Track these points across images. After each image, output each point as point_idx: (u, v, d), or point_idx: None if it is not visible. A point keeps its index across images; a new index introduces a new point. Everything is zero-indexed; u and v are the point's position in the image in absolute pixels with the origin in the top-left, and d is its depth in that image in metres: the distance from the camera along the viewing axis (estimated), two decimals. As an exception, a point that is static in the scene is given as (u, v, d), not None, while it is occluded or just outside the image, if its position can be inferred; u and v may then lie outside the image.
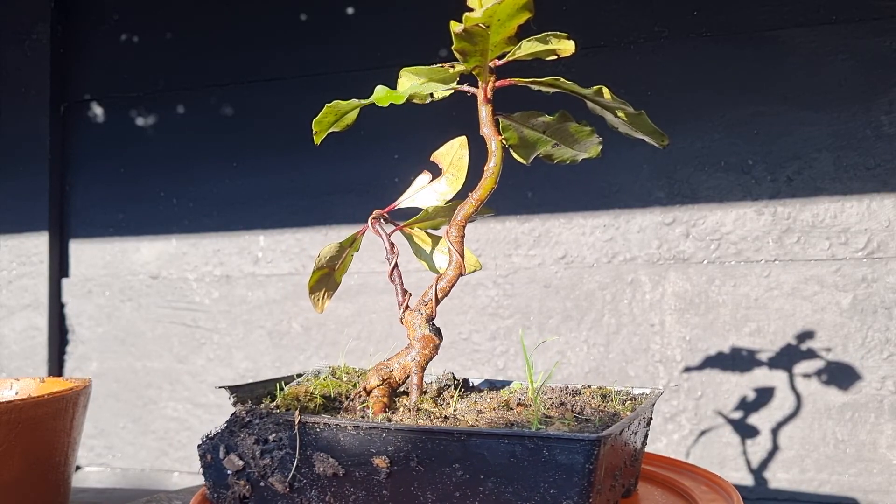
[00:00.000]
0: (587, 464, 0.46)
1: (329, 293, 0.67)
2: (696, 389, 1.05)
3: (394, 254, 0.63)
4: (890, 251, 0.99)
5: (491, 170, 0.58)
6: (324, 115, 0.60)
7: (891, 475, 0.98)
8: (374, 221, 0.64)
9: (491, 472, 0.48)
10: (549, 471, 0.47)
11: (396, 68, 0.64)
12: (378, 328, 1.18)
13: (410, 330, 0.61)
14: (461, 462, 0.49)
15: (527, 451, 0.47)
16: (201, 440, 0.57)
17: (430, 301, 0.60)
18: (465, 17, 0.49)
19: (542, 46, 0.53)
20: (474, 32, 0.51)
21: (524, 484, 0.47)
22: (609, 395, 0.65)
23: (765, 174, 1.03)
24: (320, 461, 0.53)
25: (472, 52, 0.53)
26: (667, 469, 0.70)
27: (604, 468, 0.48)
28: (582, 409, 0.58)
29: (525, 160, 0.63)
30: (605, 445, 0.47)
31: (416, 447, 0.50)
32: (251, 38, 1.27)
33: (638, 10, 1.09)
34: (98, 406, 1.32)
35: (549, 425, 0.52)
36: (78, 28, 1.36)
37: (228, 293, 1.26)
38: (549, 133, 0.61)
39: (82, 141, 1.36)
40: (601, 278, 1.09)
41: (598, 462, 0.46)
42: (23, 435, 0.68)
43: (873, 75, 1.00)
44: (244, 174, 1.27)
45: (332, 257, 0.66)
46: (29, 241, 1.34)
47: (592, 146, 0.62)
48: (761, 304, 1.02)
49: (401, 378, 0.60)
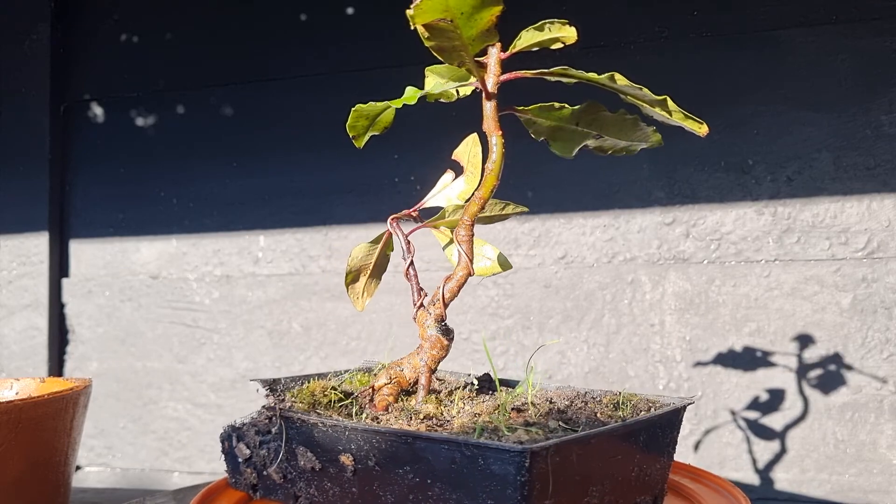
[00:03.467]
0: (518, 476, 0.44)
1: (368, 291, 0.67)
2: (696, 389, 1.05)
3: (410, 253, 0.63)
4: (890, 251, 0.99)
5: (491, 167, 0.57)
6: (355, 120, 0.59)
7: (891, 475, 0.98)
8: (392, 221, 0.64)
9: (437, 477, 0.48)
10: (486, 480, 0.45)
11: (397, 68, 0.64)
12: (378, 328, 1.18)
13: (421, 330, 0.61)
14: (411, 465, 0.49)
15: (465, 459, 0.46)
16: (223, 428, 0.62)
17: (437, 302, 0.60)
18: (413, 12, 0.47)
19: (542, 35, 0.52)
20: (440, 28, 0.49)
21: (466, 491, 0.46)
22: (626, 403, 0.60)
23: (765, 174, 1.04)
24: (301, 454, 0.55)
25: (449, 48, 0.52)
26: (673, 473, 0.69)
27: (553, 482, 0.45)
28: (577, 418, 0.55)
29: (565, 153, 0.60)
30: (542, 458, 0.44)
31: (374, 447, 0.51)
32: (251, 37, 1.27)
33: (638, 10, 1.09)
34: (98, 406, 1.32)
35: (513, 432, 0.49)
36: (78, 28, 1.36)
37: (228, 293, 1.26)
38: (583, 125, 0.59)
39: (82, 141, 1.36)
40: (601, 278, 1.09)
41: (534, 475, 0.44)
42: (23, 435, 0.68)
43: (873, 75, 1.00)
44: (244, 174, 1.27)
45: (363, 257, 0.66)
46: (29, 241, 1.34)
47: (648, 135, 0.59)
48: (761, 304, 1.02)
49: (411, 378, 0.60)
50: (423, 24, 0.49)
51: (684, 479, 0.68)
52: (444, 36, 0.51)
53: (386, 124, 0.60)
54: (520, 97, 0.62)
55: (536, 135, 0.60)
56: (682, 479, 0.68)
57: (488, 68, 0.55)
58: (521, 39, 0.53)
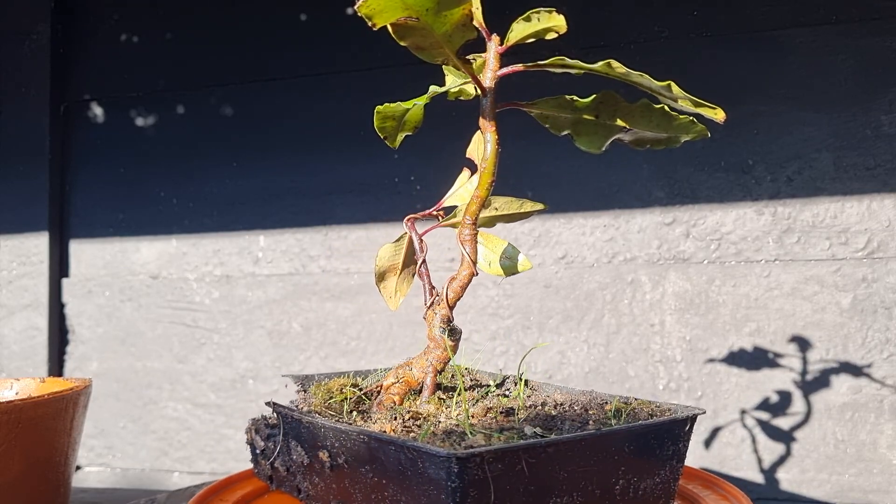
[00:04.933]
0: (449, 481, 0.43)
1: (401, 291, 0.67)
2: (696, 389, 1.05)
3: (422, 251, 0.63)
4: (890, 251, 0.99)
5: (485, 165, 0.56)
6: (381, 122, 0.58)
7: (891, 475, 0.98)
8: (408, 221, 0.64)
9: (390, 478, 0.47)
10: (425, 484, 0.45)
11: (398, 68, 0.64)
12: (378, 328, 1.18)
13: (429, 330, 0.61)
14: (370, 465, 0.49)
15: (408, 461, 0.45)
16: (249, 420, 0.65)
17: (442, 302, 0.60)
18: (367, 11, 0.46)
19: (533, 26, 0.51)
20: (409, 27, 0.48)
21: (412, 494, 0.46)
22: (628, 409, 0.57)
23: (765, 174, 1.03)
24: (294, 449, 0.57)
25: (427, 46, 0.51)
26: None
27: (496, 490, 0.44)
28: (561, 425, 0.52)
29: (591, 148, 0.58)
30: (476, 465, 0.43)
31: (342, 445, 0.51)
32: (251, 37, 1.27)
33: (638, 10, 1.09)
34: (98, 406, 1.32)
35: (474, 436, 0.48)
36: (78, 28, 1.36)
37: (228, 293, 1.26)
38: (605, 117, 0.57)
39: (82, 141, 1.36)
40: (601, 278, 1.09)
41: (467, 481, 0.42)
42: (23, 435, 0.68)
43: (873, 75, 1.00)
44: (244, 174, 1.27)
45: (390, 257, 0.66)
46: (29, 241, 1.34)
47: (687, 126, 0.57)
48: (761, 304, 1.02)
49: (420, 378, 0.61)
50: (388, 23, 0.48)
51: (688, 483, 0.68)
52: (416, 34, 0.49)
53: (416, 123, 0.59)
54: (523, 94, 0.61)
55: (557, 129, 0.59)
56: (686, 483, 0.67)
57: (486, 63, 0.55)
58: (514, 32, 0.53)
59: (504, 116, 0.56)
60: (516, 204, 0.68)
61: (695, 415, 0.53)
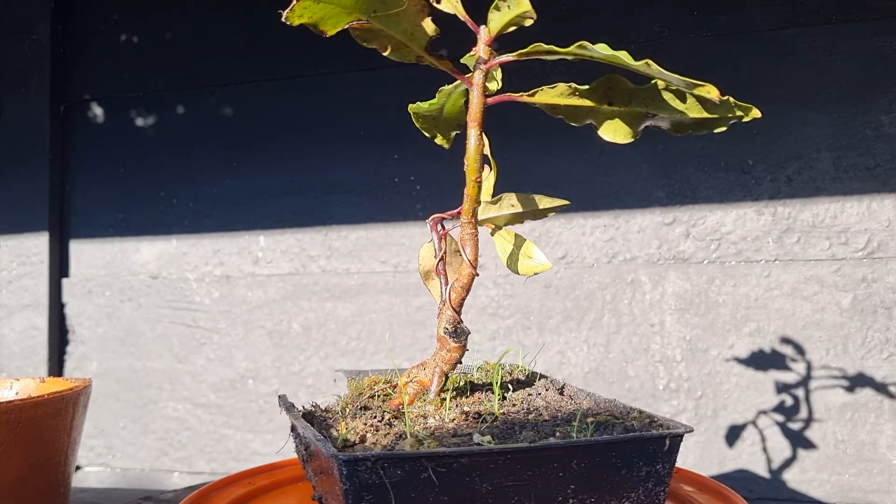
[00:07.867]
0: (342, 482, 0.43)
1: None
2: (696, 389, 1.05)
3: (441, 250, 0.63)
4: (890, 251, 0.99)
5: (468, 163, 0.55)
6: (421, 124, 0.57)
7: (891, 475, 0.98)
8: (432, 221, 0.64)
9: (326, 474, 0.48)
10: (334, 483, 0.45)
11: (398, 67, 0.64)
12: (378, 328, 1.18)
13: (438, 330, 0.61)
14: (321, 464, 0.50)
15: (326, 461, 0.46)
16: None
17: (446, 303, 0.60)
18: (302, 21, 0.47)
19: (506, 15, 0.50)
20: (366, 29, 0.48)
21: (333, 493, 0.46)
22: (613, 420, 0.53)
23: (765, 174, 1.03)
24: (299, 444, 0.58)
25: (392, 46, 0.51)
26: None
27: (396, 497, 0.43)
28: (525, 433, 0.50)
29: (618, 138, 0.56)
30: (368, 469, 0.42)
31: (308, 445, 0.52)
32: (251, 38, 1.27)
33: (638, 10, 1.09)
34: (98, 406, 1.32)
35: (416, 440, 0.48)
36: (78, 28, 1.36)
37: (228, 293, 1.26)
38: (619, 103, 0.55)
39: (82, 141, 1.36)
40: (601, 278, 1.09)
41: (357, 485, 0.42)
42: (23, 435, 0.68)
43: (873, 75, 1.00)
44: (244, 174, 1.27)
45: (433, 256, 0.66)
46: (29, 241, 1.34)
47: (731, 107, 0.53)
48: (761, 304, 1.02)
49: (430, 378, 0.61)
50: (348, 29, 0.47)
51: (681, 483, 0.67)
52: (376, 36, 0.49)
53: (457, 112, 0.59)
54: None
55: (573, 120, 0.57)
56: (680, 483, 0.67)
57: (477, 56, 0.54)
58: (493, 23, 0.52)
59: (504, 117, 0.56)
60: (535, 200, 0.67)
61: (675, 434, 0.47)
